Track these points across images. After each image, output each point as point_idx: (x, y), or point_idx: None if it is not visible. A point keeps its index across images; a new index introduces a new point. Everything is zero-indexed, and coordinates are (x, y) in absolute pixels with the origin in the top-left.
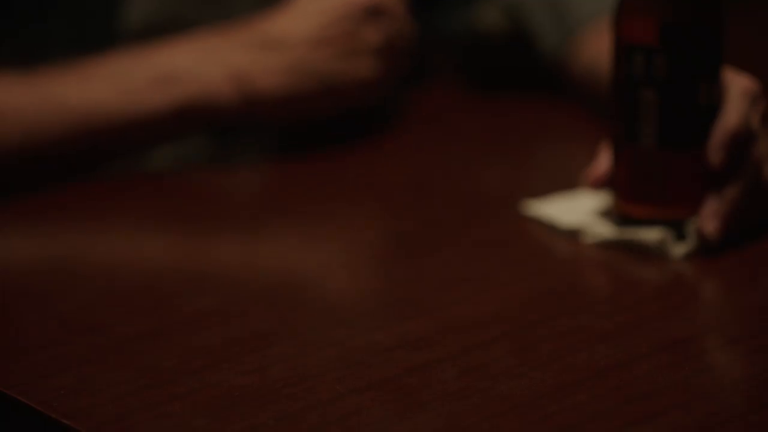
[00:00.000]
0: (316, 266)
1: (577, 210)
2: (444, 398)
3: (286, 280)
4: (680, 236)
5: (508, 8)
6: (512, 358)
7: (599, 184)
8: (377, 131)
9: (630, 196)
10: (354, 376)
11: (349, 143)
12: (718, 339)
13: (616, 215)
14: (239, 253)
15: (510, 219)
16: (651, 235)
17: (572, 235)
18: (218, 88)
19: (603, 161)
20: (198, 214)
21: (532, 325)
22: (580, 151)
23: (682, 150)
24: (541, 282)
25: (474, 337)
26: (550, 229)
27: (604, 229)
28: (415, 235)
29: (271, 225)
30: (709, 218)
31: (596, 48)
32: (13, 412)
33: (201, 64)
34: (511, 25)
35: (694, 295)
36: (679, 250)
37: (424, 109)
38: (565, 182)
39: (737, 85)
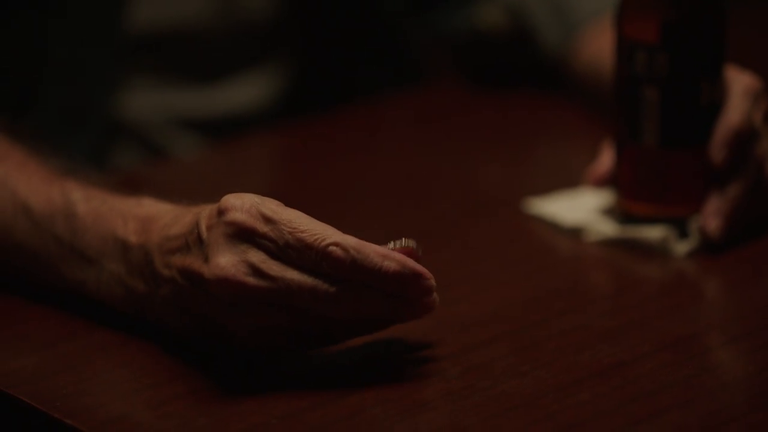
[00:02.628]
0: None
1: (580, 208)
2: (446, 397)
3: None
4: (683, 234)
5: (509, 6)
6: (514, 356)
7: (601, 182)
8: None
9: (632, 194)
10: (357, 374)
11: (348, 142)
12: (721, 337)
13: (619, 213)
14: None
15: (512, 217)
16: (653, 233)
17: (574, 233)
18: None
19: (605, 159)
20: None
21: (534, 324)
22: (582, 149)
23: (685, 148)
24: (543, 280)
25: (476, 336)
26: (552, 227)
27: (606, 227)
28: (417, 233)
29: None
30: (711, 216)
31: (597, 46)
32: (15, 412)
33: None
34: (513, 23)
35: (696, 293)
36: (681, 248)
37: (426, 108)
38: (567, 180)
39: (739, 82)
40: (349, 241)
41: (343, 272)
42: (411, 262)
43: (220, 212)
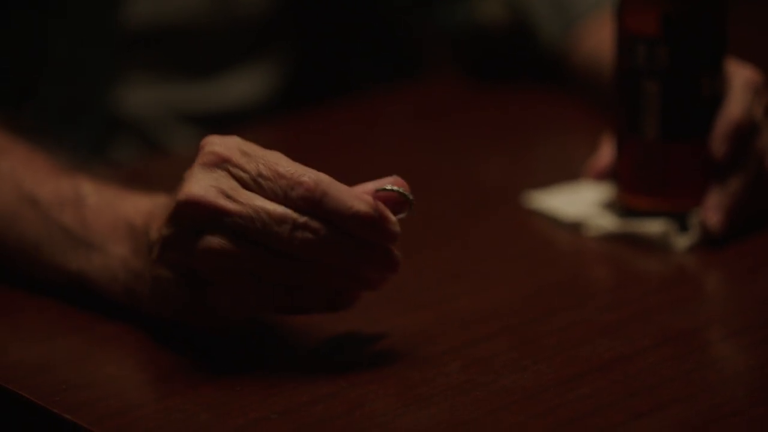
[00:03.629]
0: None
1: (580, 202)
2: (447, 391)
3: None
4: (683, 228)
5: (508, 0)
6: (515, 351)
7: (602, 176)
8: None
9: (633, 188)
10: (357, 369)
11: (346, 136)
12: (722, 331)
13: (619, 207)
14: None
15: (512, 212)
16: (654, 227)
17: (575, 227)
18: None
19: (605, 153)
20: None
21: (535, 319)
22: (582, 142)
23: (685, 142)
24: (543, 275)
25: (476, 331)
26: (552, 221)
27: (606, 221)
28: (417, 228)
29: None
30: (712, 210)
31: (597, 39)
32: (14, 407)
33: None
34: (512, 17)
35: (697, 287)
36: (682, 242)
37: (424, 102)
38: (567, 174)
39: (740, 75)
40: (322, 176)
41: (312, 203)
42: (382, 207)
43: (201, 147)
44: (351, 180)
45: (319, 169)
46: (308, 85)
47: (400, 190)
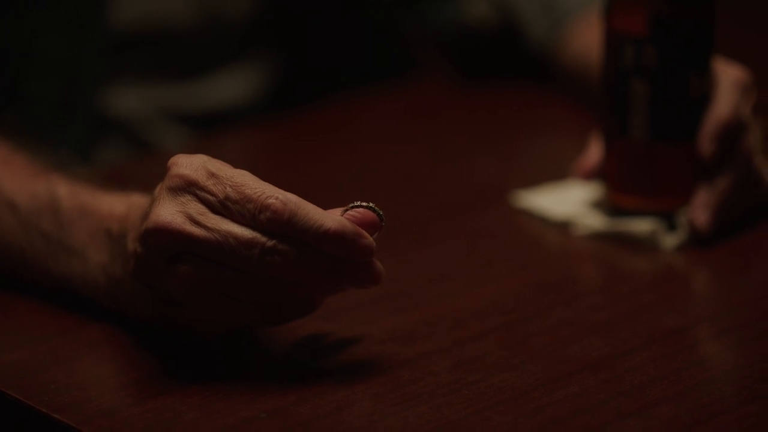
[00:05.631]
0: None
1: (568, 201)
2: (436, 391)
3: None
4: (671, 227)
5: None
6: (504, 350)
7: (590, 176)
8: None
9: (621, 188)
10: (346, 369)
11: (335, 136)
12: (710, 330)
13: (608, 206)
14: None
15: (501, 211)
16: (642, 226)
17: (563, 226)
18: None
19: (594, 152)
20: None
21: (524, 318)
22: (571, 142)
23: (673, 141)
24: (532, 274)
25: (465, 330)
26: (541, 220)
27: (595, 221)
28: (406, 228)
29: None
30: (700, 209)
31: (585, 38)
32: (3, 406)
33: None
34: (500, 17)
35: (685, 286)
36: (670, 241)
37: (413, 102)
38: (555, 173)
39: (728, 75)
40: (289, 196)
41: (280, 225)
42: (350, 224)
43: (168, 168)
44: (340, 179)
45: (307, 169)
46: (297, 86)
47: (370, 205)
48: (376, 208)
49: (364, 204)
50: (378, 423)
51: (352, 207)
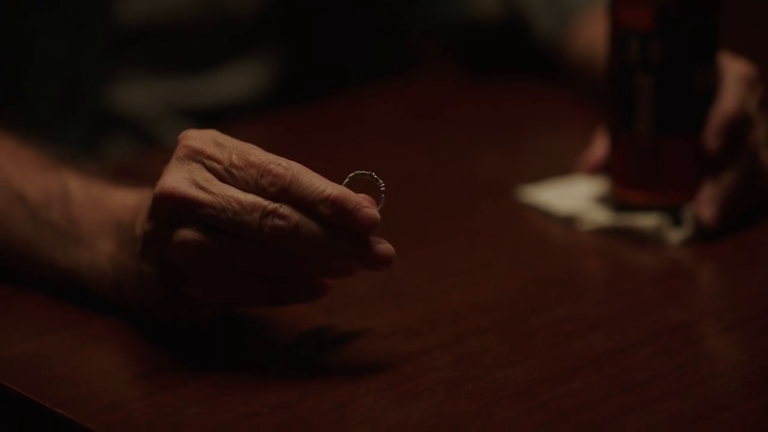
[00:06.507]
0: None
1: (574, 196)
2: (438, 386)
3: None
4: (677, 222)
5: None
6: (506, 346)
7: (596, 170)
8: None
9: (626, 182)
10: (348, 364)
11: (339, 132)
12: (715, 325)
13: (613, 201)
14: None
15: (506, 206)
16: (648, 221)
17: (568, 221)
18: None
19: (599, 147)
20: None
21: (527, 313)
22: (576, 136)
23: (679, 136)
24: (536, 269)
25: (468, 326)
26: (546, 215)
27: (600, 216)
28: (410, 223)
29: None
30: (705, 204)
31: (592, 33)
32: (6, 401)
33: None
34: (506, 12)
35: (690, 281)
36: (675, 236)
37: (418, 97)
38: (561, 168)
39: (734, 69)
40: (293, 163)
41: (281, 189)
42: (353, 193)
43: (178, 141)
44: (345, 174)
45: (310, 166)
46: (301, 81)
47: (371, 174)
48: (375, 175)
49: (366, 173)
50: (380, 418)
51: (353, 176)
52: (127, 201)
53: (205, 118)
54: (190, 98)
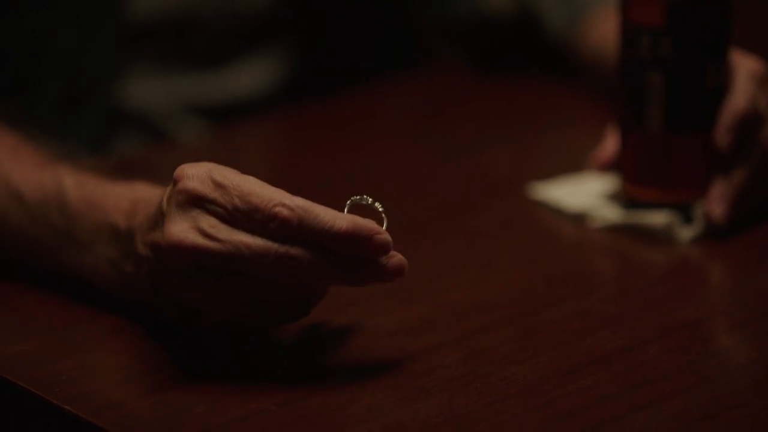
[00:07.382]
0: None
1: (584, 193)
2: (446, 383)
3: None
4: (687, 220)
5: None
6: (516, 342)
7: (606, 167)
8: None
9: (637, 180)
10: (356, 361)
11: (351, 127)
12: (725, 323)
13: (623, 198)
14: None
15: (516, 203)
16: (658, 218)
17: (579, 218)
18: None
19: (610, 144)
20: None
21: (536, 310)
22: (587, 133)
23: (689, 133)
24: (546, 266)
25: (477, 322)
26: (556, 212)
27: (610, 213)
28: (420, 219)
29: None
30: (716, 202)
31: (604, 29)
32: (13, 397)
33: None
34: (518, 8)
35: (700, 279)
36: (686, 233)
37: (430, 93)
38: (571, 165)
39: (745, 66)
40: (297, 201)
41: (291, 232)
42: (362, 221)
43: (175, 182)
44: (357, 170)
45: (321, 163)
46: (313, 77)
47: (368, 198)
48: (371, 199)
49: (363, 198)
50: (388, 416)
51: (351, 203)
52: (120, 203)
53: (215, 114)
54: (200, 94)
